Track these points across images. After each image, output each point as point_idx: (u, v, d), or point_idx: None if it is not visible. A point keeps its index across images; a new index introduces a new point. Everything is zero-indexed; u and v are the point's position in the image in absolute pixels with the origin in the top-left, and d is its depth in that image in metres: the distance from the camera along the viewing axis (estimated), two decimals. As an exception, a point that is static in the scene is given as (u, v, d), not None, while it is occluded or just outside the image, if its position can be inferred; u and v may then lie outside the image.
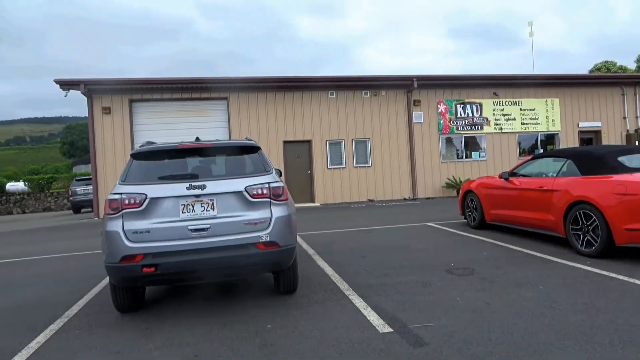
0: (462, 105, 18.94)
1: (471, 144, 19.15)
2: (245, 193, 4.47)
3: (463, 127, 18.94)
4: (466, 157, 19.05)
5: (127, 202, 4.31)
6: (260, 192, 4.50)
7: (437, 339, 3.64)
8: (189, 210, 4.36)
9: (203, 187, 4.39)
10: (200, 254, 4.26)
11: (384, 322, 4.09)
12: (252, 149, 4.95)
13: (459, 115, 18.90)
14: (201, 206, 4.39)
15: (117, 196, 4.35)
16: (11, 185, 31.89)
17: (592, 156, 6.77)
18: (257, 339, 3.87)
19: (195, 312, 4.71)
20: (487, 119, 19.13)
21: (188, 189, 4.36)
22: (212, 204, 4.41)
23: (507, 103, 19.30)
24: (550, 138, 19.82)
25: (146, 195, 4.33)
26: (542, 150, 19.48)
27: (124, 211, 4.30)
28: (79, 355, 3.77)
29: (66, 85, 15.79)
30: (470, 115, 18.99)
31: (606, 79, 21.09)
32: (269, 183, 4.57)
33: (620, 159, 6.43)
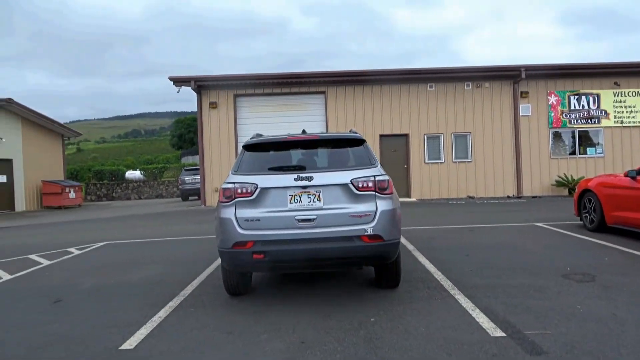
0: (576, 97, 17.39)
1: (585, 139, 17.52)
2: (350, 185, 4.47)
3: (577, 121, 17.38)
4: (580, 153, 17.48)
5: (239, 191, 4.53)
6: (365, 185, 4.48)
7: (556, 349, 3.36)
8: (296, 201, 4.47)
9: (310, 178, 4.47)
10: (306, 243, 4.35)
11: (494, 325, 3.87)
12: (358, 142, 4.94)
13: (572, 107, 17.37)
14: (308, 197, 4.47)
15: (230, 185, 4.58)
16: (130, 174, 35.27)
17: None
18: (362, 332, 3.86)
19: (299, 300, 4.83)
20: (605, 112, 17.36)
21: (296, 180, 4.47)
22: (319, 195, 4.47)
23: (630, 94, 17.35)
24: (683, 133, 17.50)
25: (257, 185, 4.51)
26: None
27: (236, 199, 4.52)
28: (194, 332, 4.05)
29: (179, 82, 17.05)
30: (586, 107, 17.37)
31: None
32: (374, 176, 4.54)
33: None
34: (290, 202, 4.47)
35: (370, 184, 4.49)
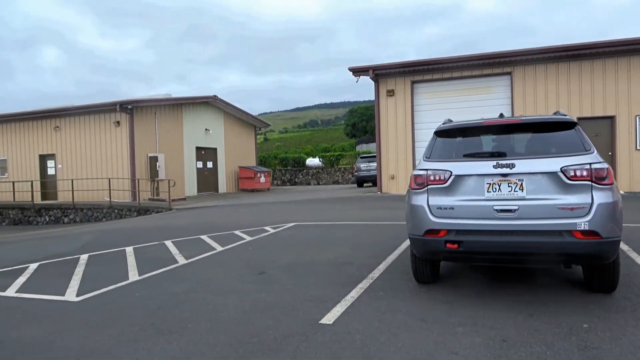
0: None
1: None
2: (560, 174, 3.99)
3: None
4: None
5: (432, 178, 4.42)
6: (579, 173, 3.95)
7: None
8: (494, 190, 4.18)
9: (511, 165, 4.12)
10: (506, 235, 4.04)
11: None
12: (567, 125, 4.38)
13: None
14: (508, 186, 4.14)
15: (422, 172, 4.50)
16: (309, 161, 37.87)
17: None
18: (573, 338, 3.44)
19: (493, 294, 4.54)
20: None
21: (495, 167, 4.17)
22: (521, 184, 4.11)
23: None
24: None
25: (451, 172, 4.34)
26: None
27: (428, 187, 4.42)
28: (387, 315, 4.10)
29: (357, 72, 17.54)
30: None
31: None
32: (590, 164, 3.97)
33: None
34: (487, 191, 4.20)
35: (585, 173, 3.94)
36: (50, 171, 22.32)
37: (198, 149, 24.44)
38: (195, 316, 4.35)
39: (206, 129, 24.94)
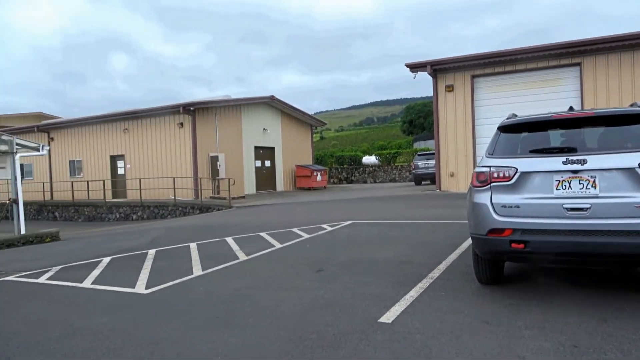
0: None
1: None
2: (638, 170, 3.72)
3: None
4: None
5: (495, 175, 4.26)
6: None
7: None
8: (564, 187, 3.96)
9: (583, 162, 3.89)
10: (577, 236, 3.82)
11: None
12: None
13: None
14: (579, 183, 3.91)
15: (485, 169, 4.35)
16: (366, 159, 37.69)
17: None
18: (655, 346, 3.20)
19: (563, 297, 4.31)
20: None
21: (564, 163, 3.95)
22: (593, 181, 3.87)
23: None
24: None
25: (516, 169, 4.16)
26: None
27: (492, 184, 4.27)
28: (448, 316, 4.00)
29: (415, 67, 17.23)
30: None
31: None
32: None
33: None
34: (556, 189, 3.99)
35: None
36: (120, 171, 23.68)
37: (256, 148, 25.01)
38: (256, 311, 4.46)
39: (264, 129, 25.47)
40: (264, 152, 25.65)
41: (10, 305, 5.34)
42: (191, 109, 20.69)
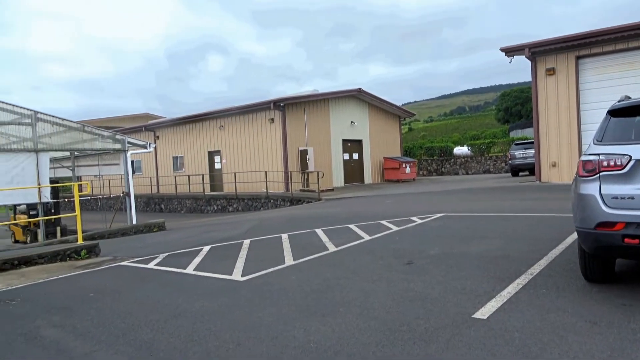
0: None
1: None
2: None
3: None
4: None
5: (605, 163, 3.89)
6: None
7: None
8: (689, 175, 3.51)
9: None
10: None
11: None
12: None
13: None
14: None
15: (593, 157, 3.99)
16: (457, 150, 36.30)
17: None
18: None
19: (688, 300, 3.84)
20: None
21: None
22: None
23: None
24: None
25: (630, 156, 3.76)
26: None
27: (601, 174, 3.90)
28: (550, 315, 3.74)
29: (511, 51, 16.23)
30: None
31: None
32: None
33: None
34: None
35: None
36: (217, 165, 25.15)
37: (344, 141, 25.18)
38: (346, 301, 4.51)
39: (351, 122, 25.55)
40: (352, 145, 25.74)
41: (125, 288, 5.91)
42: (281, 104, 21.35)
